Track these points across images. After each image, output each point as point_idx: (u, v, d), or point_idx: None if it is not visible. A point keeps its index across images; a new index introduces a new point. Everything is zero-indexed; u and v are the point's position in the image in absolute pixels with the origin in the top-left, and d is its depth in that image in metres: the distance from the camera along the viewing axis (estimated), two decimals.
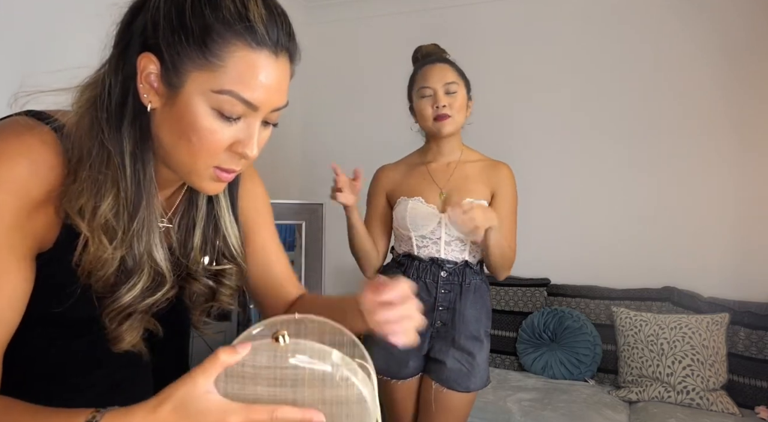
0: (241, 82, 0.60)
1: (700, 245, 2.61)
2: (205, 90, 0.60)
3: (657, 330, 2.33)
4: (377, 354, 1.57)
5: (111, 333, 0.67)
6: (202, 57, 0.59)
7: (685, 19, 2.65)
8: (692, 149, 2.64)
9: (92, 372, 0.76)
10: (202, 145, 0.62)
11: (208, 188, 0.67)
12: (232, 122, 0.62)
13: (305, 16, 3.46)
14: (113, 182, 0.62)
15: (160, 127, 0.64)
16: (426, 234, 1.58)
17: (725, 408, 2.16)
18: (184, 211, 0.76)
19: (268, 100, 0.62)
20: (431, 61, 1.61)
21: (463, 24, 3.09)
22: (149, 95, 0.62)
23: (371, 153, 3.36)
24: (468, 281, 1.57)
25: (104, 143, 0.62)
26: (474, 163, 1.63)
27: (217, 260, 0.77)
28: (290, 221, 2.69)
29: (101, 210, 0.62)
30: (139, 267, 0.65)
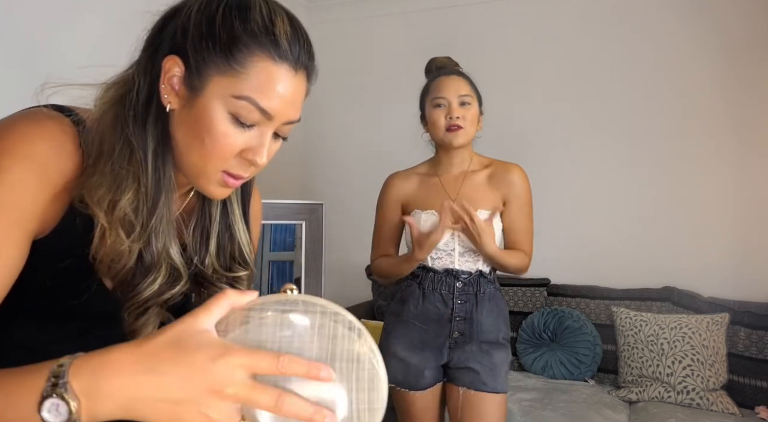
0: (260, 90, 0.63)
1: (700, 245, 2.61)
2: (225, 95, 0.63)
3: (657, 330, 2.33)
4: (394, 365, 1.57)
5: (129, 326, 0.68)
6: (226, 63, 0.62)
7: (685, 19, 2.65)
8: (692, 149, 2.64)
9: None
10: (215, 148, 0.64)
11: (215, 192, 0.70)
12: (246, 128, 0.65)
13: (305, 16, 3.46)
14: (134, 178, 0.65)
15: (177, 128, 0.66)
16: (440, 246, 1.57)
17: (725, 408, 2.16)
18: (197, 220, 0.79)
19: (282, 111, 0.65)
20: (446, 72, 1.63)
21: (464, 24, 3.09)
22: (169, 96, 0.65)
23: (371, 153, 3.36)
24: (483, 291, 1.58)
25: (129, 139, 0.64)
26: (483, 171, 1.63)
27: (231, 267, 0.79)
28: (290, 221, 2.69)
29: (121, 204, 0.64)
30: (158, 263, 0.67)
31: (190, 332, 0.49)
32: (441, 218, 1.48)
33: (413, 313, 1.59)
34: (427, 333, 1.58)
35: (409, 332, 1.59)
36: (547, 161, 2.85)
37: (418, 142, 1.80)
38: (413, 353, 1.58)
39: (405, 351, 1.59)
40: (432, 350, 1.57)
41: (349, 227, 3.29)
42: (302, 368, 0.48)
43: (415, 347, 1.58)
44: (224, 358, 0.47)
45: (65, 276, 0.67)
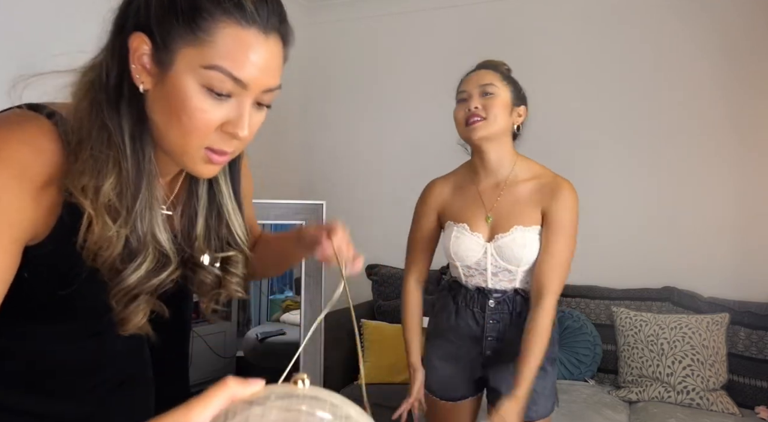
0: (230, 58, 0.60)
1: (700, 245, 2.61)
2: (194, 66, 0.60)
3: (657, 330, 2.33)
4: (429, 372, 1.53)
5: (118, 314, 0.67)
6: (191, 33, 0.60)
7: (686, 19, 2.65)
8: (692, 148, 2.64)
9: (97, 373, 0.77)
10: (193, 124, 0.62)
11: (201, 171, 0.68)
12: (222, 100, 0.62)
13: (305, 16, 3.46)
14: (115, 162, 0.63)
15: (153, 108, 0.64)
16: (471, 265, 1.46)
17: (725, 408, 2.16)
18: (186, 201, 0.77)
19: (257, 78, 0.62)
20: (476, 68, 1.49)
21: (464, 24, 3.09)
22: (141, 76, 0.63)
23: (372, 153, 3.37)
24: (519, 310, 1.43)
25: (104, 122, 0.63)
26: (527, 182, 1.44)
27: (222, 249, 0.77)
28: (290, 221, 2.69)
29: (104, 189, 0.62)
30: (144, 247, 0.66)
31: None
32: None
33: (446, 327, 1.52)
34: (460, 348, 1.50)
35: (444, 344, 1.53)
36: (546, 161, 2.84)
37: (419, 142, 1.79)
38: (447, 364, 1.52)
39: (439, 360, 1.53)
40: (465, 364, 1.50)
41: (349, 227, 3.28)
42: None
43: (450, 359, 1.52)
44: None
45: (55, 267, 0.66)
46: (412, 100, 3.18)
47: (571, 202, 1.40)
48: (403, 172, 3.17)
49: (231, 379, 0.44)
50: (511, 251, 1.40)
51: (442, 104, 3.07)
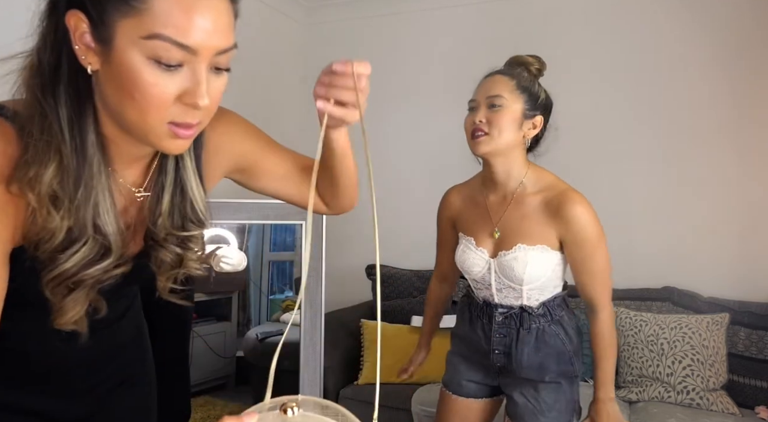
0: (171, 23, 0.56)
1: (700, 245, 2.61)
2: (135, 38, 0.56)
3: (657, 330, 2.33)
4: (447, 365, 1.58)
5: (54, 305, 0.65)
6: (124, 2, 0.55)
7: (686, 20, 2.65)
8: (693, 148, 2.64)
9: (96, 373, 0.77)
10: (147, 100, 0.58)
11: (170, 147, 0.64)
12: (174, 70, 0.58)
13: (305, 16, 3.46)
14: (56, 150, 0.60)
15: (105, 88, 0.61)
16: (477, 278, 1.45)
17: (725, 408, 2.16)
18: (156, 178, 0.74)
19: (205, 41, 0.58)
20: (493, 72, 1.42)
21: (464, 24, 3.09)
22: (87, 56, 0.59)
23: (372, 153, 3.36)
24: (526, 327, 1.39)
25: (43, 109, 0.60)
26: (535, 196, 1.38)
27: (184, 226, 0.75)
28: (290, 221, 2.69)
29: (45, 178, 0.60)
30: (83, 235, 0.63)
31: None
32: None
33: (461, 334, 1.55)
34: (474, 355, 1.52)
35: (462, 346, 1.56)
36: (546, 161, 2.84)
37: (419, 142, 1.79)
38: (463, 360, 1.54)
39: (456, 356, 1.56)
40: (479, 366, 1.51)
41: (349, 227, 3.28)
42: None
43: (466, 358, 1.54)
44: None
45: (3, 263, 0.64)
46: (412, 100, 3.18)
47: (585, 218, 1.34)
48: (403, 172, 3.17)
49: (226, 418, 0.50)
50: (512, 271, 1.36)
51: (443, 104, 3.08)
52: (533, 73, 1.44)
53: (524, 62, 1.44)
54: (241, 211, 2.03)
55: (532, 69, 1.44)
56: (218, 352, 2.78)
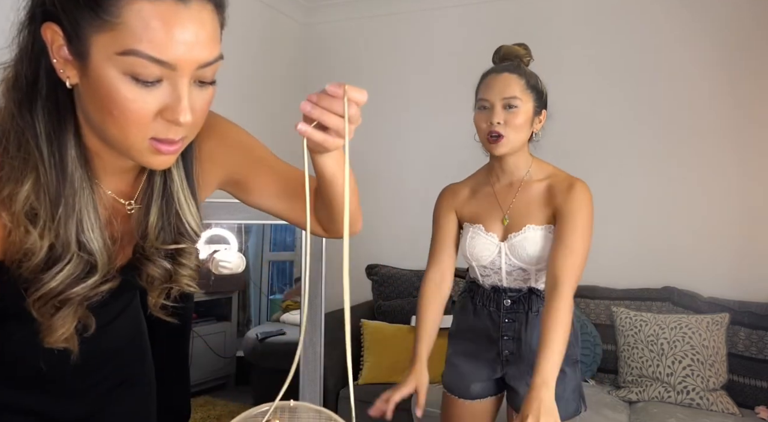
0: (146, 38, 0.53)
1: (700, 245, 2.61)
2: (110, 54, 0.53)
3: (657, 330, 2.33)
4: (448, 369, 1.53)
5: (42, 324, 0.64)
6: (96, 17, 0.53)
7: (687, 20, 2.65)
8: (693, 149, 2.64)
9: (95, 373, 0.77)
10: (126, 117, 0.56)
11: (153, 162, 0.61)
12: (152, 86, 0.55)
13: (305, 16, 3.46)
14: (32, 167, 0.58)
15: (85, 103, 0.59)
16: (486, 265, 1.47)
17: (725, 408, 2.16)
18: (144, 191, 0.72)
19: (185, 55, 0.55)
20: (499, 69, 1.43)
21: (465, 24, 3.09)
22: (66, 70, 0.57)
23: (372, 153, 3.36)
24: (536, 310, 1.43)
25: (19, 125, 0.58)
26: (540, 182, 1.45)
27: (175, 240, 0.72)
28: None
29: (20, 196, 0.58)
30: (66, 253, 0.61)
31: None
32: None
33: (465, 327, 1.53)
34: (479, 348, 1.50)
35: (464, 342, 1.53)
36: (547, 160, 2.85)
37: (419, 143, 1.79)
38: (466, 361, 1.51)
39: (458, 357, 1.53)
40: (485, 363, 1.49)
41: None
42: None
43: (470, 356, 1.51)
44: None
45: None
46: (413, 100, 3.18)
47: (583, 199, 1.38)
48: (403, 172, 3.17)
49: None
50: (524, 250, 1.40)
51: (443, 104, 3.09)
52: (526, 64, 1.48)
53: (519, 55, 1.47)
54: (241, 211, 2.03)
55: (526, 60, 1.48)
56: (218, 352, 2.79)
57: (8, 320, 0.67)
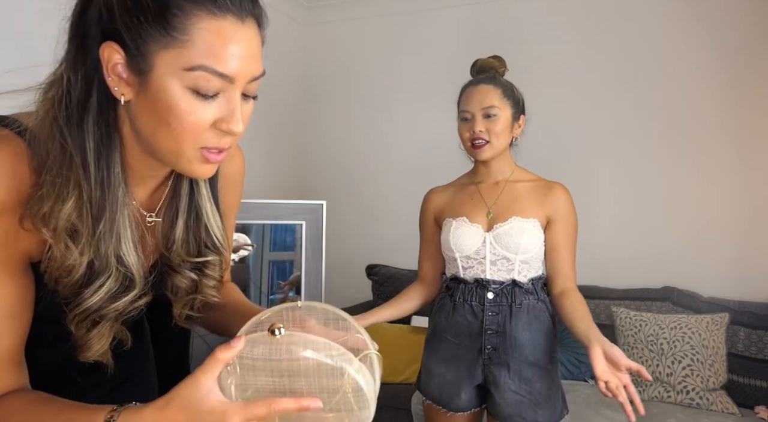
0: (212, 54, 0.57)
1: (700, 245, 2.61)
2: (175, 69, 0.57)
3: (657, 330, 2.33)
4: (431, 380, 1.53)
5: (79, 339, 0.65)
6: (166, 34, 0.56)
7: (687, 22, 2.65)
8: (693, 149, 2.64)
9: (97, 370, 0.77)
10: (183, 128, 0.59)
11: (199, 171, 0.64)
12: (210, 99, 0.59)
13: (305, 16, 3.46)
14: (75, 184, 0.60)
15: (138, 118, 0.61)
16: (470, 255, 1.50)
17: (725, 408, 2.16)
18: (169, 203, 0.74)
19: (242, 70, 0.59)
20: (476, 81, 1.54)
21: (465, 24, 3.09)
22: (120, 87, 0.59)
23: (372, 153, 3.37)
24: (519, 302, 1.46)
25: (65, 142, 0.59)
26: (525, 183, 1.55)
27: (200, 252, 0.74)
28: (290, 221, 2.69)
29: (63, 213, 0.59)
30: (106, 269, 0.63)
31: (196, 396, 0.56)
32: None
33: (444, 326, 1.53)
34: (459, 347, 1.50)
35: (443, 346, 1.53)
36: (545, 162, 2.85)
37: (419, 142, 1.79)
38: (448, 368, 1.51)
39: (439, 365, 1.52)
40: (465, 365, 1.49)
41: (349, 227, 3.29)
42: (293, 404, 0.56)
43: (450, 361, 1.51)
44: (226, 419, 0.55)
45: None
46: (412, 101, 3.19)
47: (570, 201, 1.52)
48: (403, 172, 3.17)
49: (217, 349, 0.57)
50: (510, 238, 1.45)
51: (442, 105, 3.08)
52: (501, 74, 1.59)
53: (493, 66, 1.58)
54: (241, 211, 2.03)
55: (501, 71, 1.59)
56: None
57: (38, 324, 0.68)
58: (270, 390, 0.58)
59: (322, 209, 2.67)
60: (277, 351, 0.57)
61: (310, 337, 0.57)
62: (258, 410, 0.56)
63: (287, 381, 0.58)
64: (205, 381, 0.57)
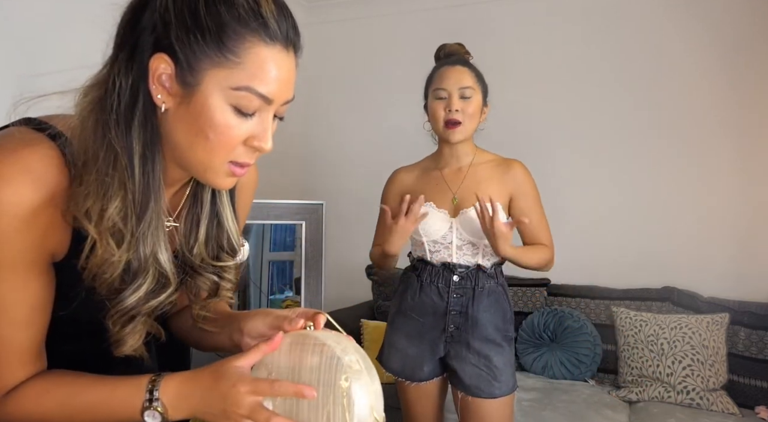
0: (257, 77, 0.61)
1: (700, 245, 2.61)
2: (223, 87, 0.61)
3: (657, 330, 2.33)
4: (393, 355, 1.60)
5: (114, 336, 0.68)
6: (220, 54, 0.60)
7: (687, 23, 2.65)
8: (693, 148, 2.64)
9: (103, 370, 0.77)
10: (220, 141, 0.63)
11: (222, 183, 0.68)
12: (248, 117, 0.63)
13: (305, 16, 3.46)
14: (120, 184, 0.62)
15: (174, 127, 0.64)
16: (437, 239, 1.56)
17: (725, 408, 2.16)
18: (189, 207, 0.77)
19: (280, 93, 0.64)
20: (451, 62, 1.58)
21: (466, 24, 3.09)
22: (162, 96, 0.62)
23: (372, 153, 3.36)
24: (481, 286, 1.54)
25: (112, 144, 0.62)
26: (485, 164, 1.60)
27: (218, 257, 0.78)
28: (290, 221, 2.69)
29: (109, 213, 0.62)
30: (144, 269, 0.66)
31: (226, 366, 0.65)
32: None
33: (410, 305, 1.59)
34: (423, 325, 1.57)
35: (407, 323, 1.59)
36: (546, 161, 2.85)
37: (418, 142, 1.80)
38: (411, 344, 1.58)
39: (403, 341, 1.59)
40: (428, 342, 1.56)
41: (349, 227, 3.28)
42: (291, 389, 0.62)
43: (413, 338, 1.58)
44: (236, 387, 0.63)
45: (58, 287, 0.67)
46: (413, 101, 3.18)
47: (529, 175, 1.58)
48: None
49: (261, 343, 0.67)
50: (476, 224, 1.49)
51: None
52: (468, 60, 1.63)
53: (460, 52, 1.63)
54: None
55: (467, 57, 1.63)
56: (219, 352, 2.78)
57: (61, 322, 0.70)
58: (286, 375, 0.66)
59: (322, 209, 2.67)
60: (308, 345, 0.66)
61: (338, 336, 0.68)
62: (262, 386, 0.63)
63: (305, 376, 0.65)
64: (243, 359, 0.65)
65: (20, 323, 0.64)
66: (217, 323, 0.82)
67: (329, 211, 2.60)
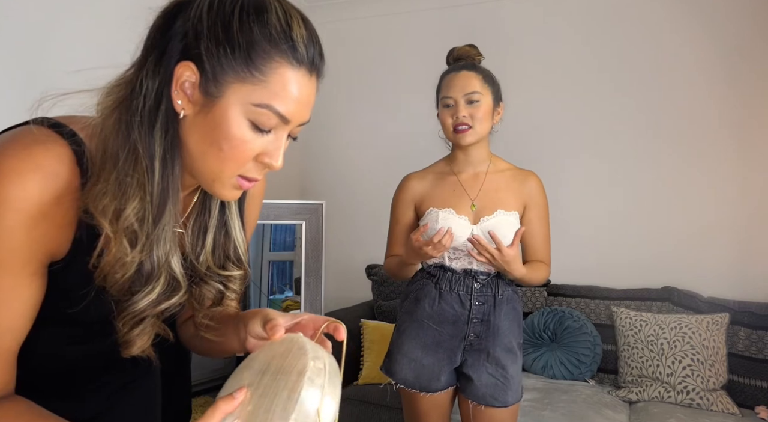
0: (279, 97, 0.62)
1: (700, 245, 2.61)
2: (245, 102, 0.62)
3: (657, 330, 2.33)
4: (405, 365, 1.54)
5: (122, 337, 0.67)
6: (246, 70, 0.61)
7: (688, 23, 2.65)
8: (693, 149, 2.64)
9: (103, 373, 0.77)
10: (233, 154, 0.63)
11: (228, 195, 0.69)
12: (264, 134, 0.64)
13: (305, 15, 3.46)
14: (140, 186, 0.62)
15: (190, 134, 0.64)
16: (458, 246, 1.52)
17: (725, 408, 2.16)
18: (197, 215, 0.77)
19: (298, 114, 0.66)
20: (457, 68, 1.56)
21: (465, 24, 3.09)
22: (183, 102, 0.63)
23: (372, 153, 3.37)
24: (501, 293, 1.53)
25: (135, 145, 0.62)
26: (503, 172, 1.59)
27: (224, 265, 0.78)
28: (290, 221, 2.69)
29: (126, 213, 0.62)
30: (157, 273, 0.66)
31: None
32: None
33: (428, 313, 1.54)
34: (441, 334, 1.52)
35: (423, 332, 1.54)
36: (546, 161, 2.85)
37: (418, 142, 1.80)
38: (427, 354, 1.53)
39: (418, 351, 1.54)
40: (446, 351, 1.52)
41: (349, 227, 3.29)
42: (231, 401, 0.60)
43: (429, 348, 1.53)
44: None
45: (64, 286, 0.66)
46: (413, 101, 3.18)
47: (542, 188, 1.60)
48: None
49: (219, 400, 0.61)
50: (498, 231, 1.48)
51: None
52: (477, 62, 1.61)
53: (470, 54, 1.61)
54: None
55: (477, 59, 1.61)
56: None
57: (49, 325, 0.69)
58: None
59: (322, 209, 2.68)
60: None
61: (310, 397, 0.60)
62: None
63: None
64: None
65: (9, 320, 0.62)
66: (219, 331, 0.81)
67: (329, 211, 2.60)
